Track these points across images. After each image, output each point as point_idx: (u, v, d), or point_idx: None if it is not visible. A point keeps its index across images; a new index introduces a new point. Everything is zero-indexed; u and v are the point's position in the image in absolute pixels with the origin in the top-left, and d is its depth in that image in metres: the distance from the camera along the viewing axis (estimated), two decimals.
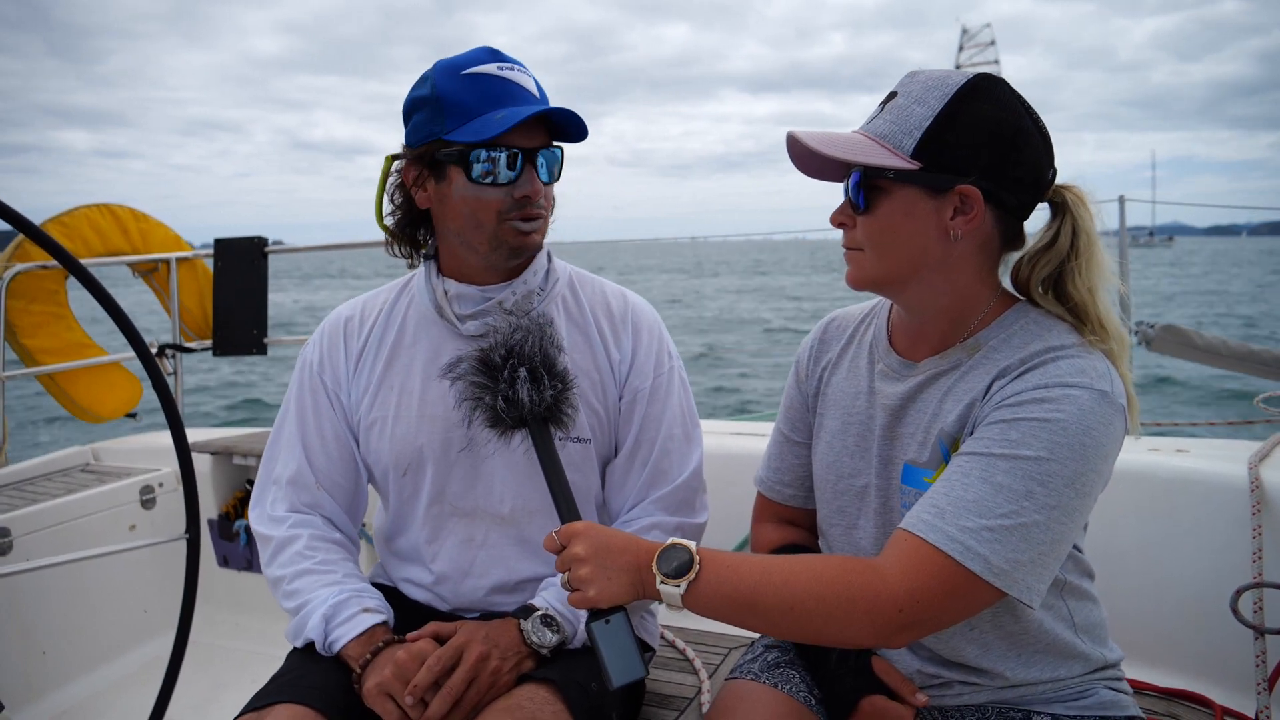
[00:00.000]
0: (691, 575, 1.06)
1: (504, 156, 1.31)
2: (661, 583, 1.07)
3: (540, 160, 1.35)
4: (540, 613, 1.33)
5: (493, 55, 1.34)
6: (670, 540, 1.10)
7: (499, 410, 1.21)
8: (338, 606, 1.33)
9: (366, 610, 1.34)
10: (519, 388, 1.20)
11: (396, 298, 1.52)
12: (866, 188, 1.12)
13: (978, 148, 1.08)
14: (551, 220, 1.47)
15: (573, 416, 1.26)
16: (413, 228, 1.46)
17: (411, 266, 1.51)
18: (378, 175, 1.44)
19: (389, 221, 1.45)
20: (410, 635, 1.32)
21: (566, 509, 1.18)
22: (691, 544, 1.09)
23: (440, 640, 1.30)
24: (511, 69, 1.34)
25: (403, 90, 1.42)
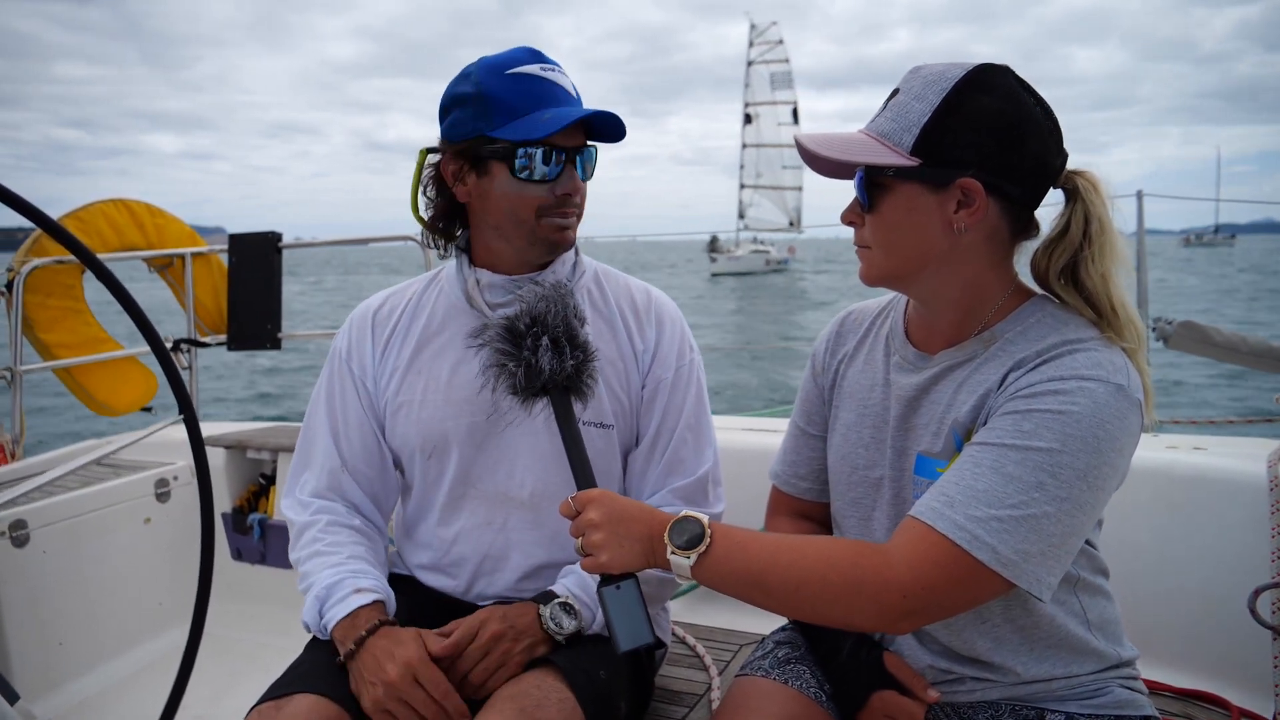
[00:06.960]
0: (702, 548, 1.08)
1: (547, 155, 1.34)
2: (672, 553, 1.09)
3: (579, 159, 1.39)
4: (560, 599, 1.34)
5: (534, 56, 1.37)
6: (684, 512, 1.12)
7: (521, 377, 1.22)
8: (331, 588, 1.34)
9: (358, 590, 1.33)
10: (541, 355, 1.21)
11: (425, 288, 1.55)
12: (870, 186, 1.13)
13: (977, 140, 1.07)
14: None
15: (592, 388, 1.27)
16: (448, 221, 1.49)
17: (443, 257, 1.54)
18: None
19: (425, 215, 1.48)
20: (425, 631, 1.31)
21: (584, 477, 1.20)
22: (704, 517, 1.10)
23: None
24: (553, 70, 1.37)
25: None
